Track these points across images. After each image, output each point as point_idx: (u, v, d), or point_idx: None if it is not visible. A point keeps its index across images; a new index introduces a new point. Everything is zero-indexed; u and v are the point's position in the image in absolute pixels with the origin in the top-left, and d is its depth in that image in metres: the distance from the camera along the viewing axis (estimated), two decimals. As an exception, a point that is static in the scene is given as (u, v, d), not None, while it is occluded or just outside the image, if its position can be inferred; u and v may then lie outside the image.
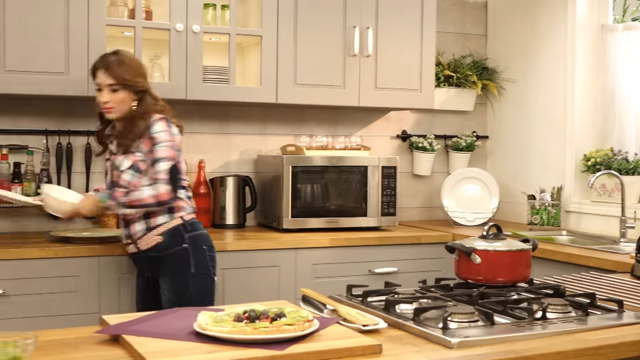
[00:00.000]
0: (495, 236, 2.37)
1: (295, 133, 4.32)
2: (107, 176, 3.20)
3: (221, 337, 1.67)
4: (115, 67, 3.06)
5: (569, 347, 1.77)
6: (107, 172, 3.21)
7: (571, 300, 2.12)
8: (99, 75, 3.08)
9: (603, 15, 4.30)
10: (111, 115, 3.09)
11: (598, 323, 1.97)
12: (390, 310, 2.04)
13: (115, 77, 3.05)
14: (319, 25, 3.95)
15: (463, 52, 4.82)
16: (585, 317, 2.03)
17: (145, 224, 3.06)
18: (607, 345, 1.81)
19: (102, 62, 3.10)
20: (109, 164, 3.18)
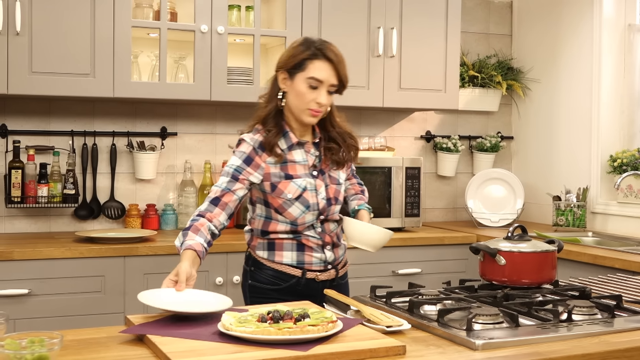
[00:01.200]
0: (520, 237, 2.36)
1: (319, 134, 4.31)
2: (313, 194, 2.48)
3: (245, 338, 1.68)
4: (343, 65, 2.47)
5: (594, 350, 1.75)
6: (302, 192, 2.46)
7: (597, 302, 2.10)
8: (324, 69, 2.41)
9: (630, 15, 4.26)
10: (313, 120, 2.46)
11: (624, 325, 1.96)
12: (414, 311, 2.04)
13: (341, 79, 2.46)
14: (343, 26, 3.95)
15: (488, 52, 4.80)
16: (611, 319, 2.01)
17: (345, 247, 2.67)
18: (633, 348, 1.80)
19: (331, 52, 2.44)
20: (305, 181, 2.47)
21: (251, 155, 2.43)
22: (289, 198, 2.43)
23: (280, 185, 2.44)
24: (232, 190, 2.41)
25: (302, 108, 2.43)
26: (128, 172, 3.94)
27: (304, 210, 2.46)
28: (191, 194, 3.97)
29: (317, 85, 2.41)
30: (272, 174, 2.44)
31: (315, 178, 2.50)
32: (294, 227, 2.48)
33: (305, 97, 2.41)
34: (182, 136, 4.05)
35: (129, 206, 3.88)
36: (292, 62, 2.43)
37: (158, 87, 3.64)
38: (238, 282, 3.48)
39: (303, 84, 2.41)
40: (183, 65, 3.89)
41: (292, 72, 2.43)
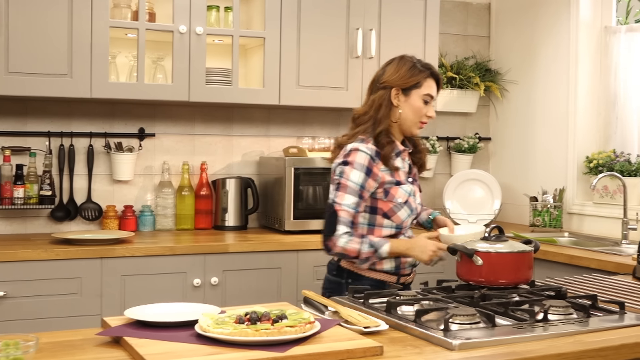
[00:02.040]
0: (497, 238, 2.37)
1: (297, 135, 4.32)
2: (413, 199, 2.67)
3: (222, 339, 1.68)
4: None
5: (570, 349, 1.77)
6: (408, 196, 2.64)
7: (573, 302, 2.11)
8: (434, 87, 2.67)
9: (606, 17, 4.30)
10: (418, 132, 2.71)
11: (599, 325, 1.97)
12: (392, 312, 2.04)
13: (438, 94, 2.73)
14: (321, 27, 3.96)
15: (466, 53, 4.82)
16: (586, 319, 2.03)
17: None
18: (608, 347, 1.81)
19: (436, 70, 2.70)
20: (409, 187, 2.67)
21: (369, 165, 2.57)
22: (399, 202, 2.60)
23: (392, 190, 2.60)
24: (359, 210, 2.59)
25: (415, 121, 2.66)
26: (105, 173, 3.92)
27: (409, 214, 2.65)
28: (169, 195, 3.96)
29: (429, 100, 2.66)
30: (386, 181, 2.60)
31: (411, 184, 2.70)
32: (398, 230, 2.63)
33: (420, 111, 2.64)
34: (160, 137, 4.04)
35: (106, 207, 3.86)
36: (412, 81, 2.63)
37: (136, 88, 3.62)
38: (216, 283, 3.47)
39: (419, 100, 2.64)
40: (161, 66, 3.88)
41: (408, 89, 2.64)
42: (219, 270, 3.50)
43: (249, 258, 3.56)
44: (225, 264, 3.50)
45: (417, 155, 2.78)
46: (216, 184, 4.05)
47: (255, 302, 2.46)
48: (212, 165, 4.13)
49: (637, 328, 1.97)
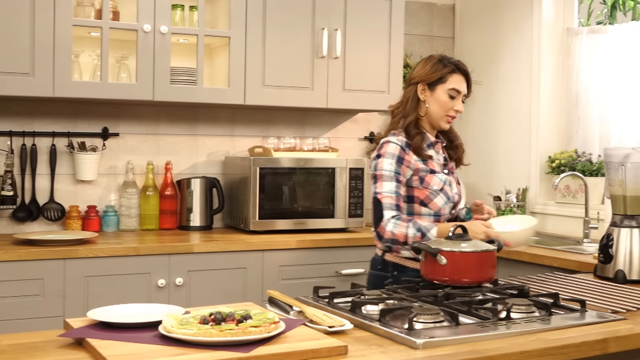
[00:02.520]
0: (460, 237, 2.39)
1: (263, 135, 4.31)
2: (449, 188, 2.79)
3: (186, 340, 1.67)
4: (470, 78, 2.84)
5: (532, 347, 1.79)
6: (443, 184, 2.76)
7: (535, 301, 2.14)
8: (462, 82, 2.78)
9: (568, 19, 4.36)
10: (447, 127, 2.82)
11: (561, 323, 2.00)
12: (357, 311, 2.05)
13: (469, 90, 2.83)
14: (287, 27, 3.96)
15: (431, 54, 4.84)
16: (548, 317, 2.06)
17: None
18: (569, 345, 1.84)
19: (464, 66, 2.82)
20: (444, 176, 2.78)
21: (401, 154, 2.71)
22: (434, 189, 2.72)
23: (426, 178, 2.73)
24: (401, 194, 2.69)
25: (442, 115, 2.78)
26: (68, 173, 3.88)
27: (445, 201, 2.76)
28: (133, 195, 3.93)
29: (456, 95, 2.76)
30: (420, 168, 2.72)
31: (447, 175, 2.82)
32: (436, 218, 2.74)
33: (446, 106, 2.76)
34: (124, 137, 4.01)
35: (69, 208, 3.82)
36: (435, 76, 2.76)
37: (100, 87, 3.59)
38: (181, 283, 3.46)
39: (444, 95, 2.76)
40: (125, 65, 3.85)
41: (433, 84, 2.76)
42: (184, 270, 3.48)
43: (214, 258, 3.54)
44: (190, 265, 3.49)
45: (453, 150, 2.90)
46: (181, 184, 4.03)
47: (220, 302, 2.45)
48: (177, 165, 4.11)
49: (597, 325, 2.00)
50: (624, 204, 2.67)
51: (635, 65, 3.95)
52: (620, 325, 2.00)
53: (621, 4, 4.89)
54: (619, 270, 2.62)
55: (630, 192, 2.65)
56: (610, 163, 2.71)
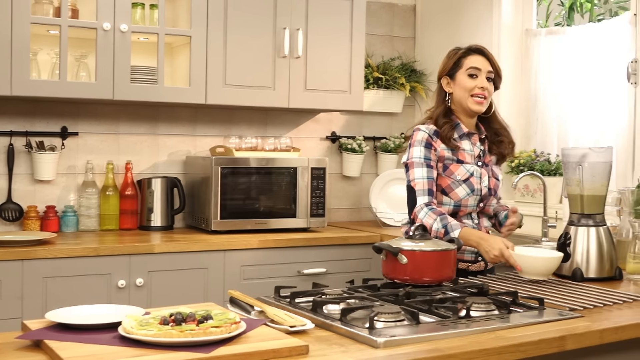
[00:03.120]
0: (421, 236, 2.41)
1: (224, 134, 4.30)
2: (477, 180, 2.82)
3: (146, 341, 1.66)
4: (493, 57, 2.87)
5: (491, 345, 1.81)
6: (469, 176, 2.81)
7: (494, 299, 2.16)
8: (479, 60, 2.83)
9: (527, 20, 4.41)
10: (479, 108, 2.81)
11: (520, 321, 2.02)
12: (318, 311, 2.05)
13: (494, 65, 2.84)
14: (248, 26, 3.95)
15: (392, 54, 4.88)
16: (507, 315, 2.08)
17: None
18: (528, 342, 1.86)
19: (481, 46, 2.89)
20: (474, 167, 2.82)
21: (428, 140, 2.79)
22: (457, 179, 2.78)
23: (451, 166, 2.79)
24: (433, 177, 2.76)
25: (466, 96, 2.81)
26: (26, 172, 3.82)
27: (468, 193, 2.80)
28: (93, 195, 3.89)
29: (476, 73, 2.81)
30: (445, 157, 2.79)
31: (480, 167, 2.84)
32: (457, 208, 2.80)
33: (467, 86, 2.80)
34: (84, 136, 3.97)
35: (28, 208, 3.76)
36: (451, 64, 2.87)
37: (58, 86, 3.54)
38: (141, 284, 3.43)
39: (464, 77, 2.82)
40: (85, 64, 3.81)
41: (452, 73, 2.86)
42: (144, 271, 3.45)
43: (175, 258, 3.52)
44: (151, 265, 3.46)
45: (496, 144, 2.91)
46: (141, 184, 4.00)
47: (181, 303, 2.44)
48: (138, 165, 4.08)
49: (555, 323, 2.02)
50: (581, 203, 2.71)
51: (591, 67, 4.01)
52: (578, 323, 2.03)
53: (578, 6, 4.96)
54: (577, 269, 2.65)
55: (587, 191, 2.69)
56: (567, 163, 2.74)
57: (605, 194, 2.73)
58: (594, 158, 2.69)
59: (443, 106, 2.88)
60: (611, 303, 2.28)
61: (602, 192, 2.71)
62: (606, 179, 2.71)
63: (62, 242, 3.48)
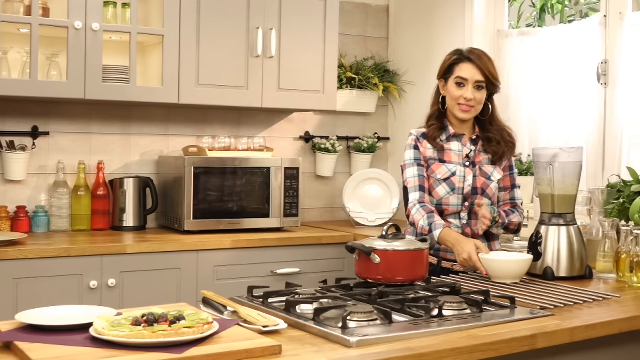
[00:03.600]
0: (394, 236, 2.42)
1: (197, 134, 4.28)
2: (459, 179, 2.88)
3: (118, 342, 1.65)
4: (486, 61, 2.88)
5: (463, 344, 1.82)
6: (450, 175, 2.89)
7: (466, 298, 2.17)
8: (468, 69, 2.86)
9: (499, 21, 4.45)
10: (464, 116, 2.89)
11: (491, 319, 2.03)
12: (291, 310, 2.05)
13: (485, 74, 2.85)
14: (221, 25, 3.94)
15: (365, 54, 4.89)
16: (479, 313, 2.09)
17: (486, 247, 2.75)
18: (499, 341, 1.87)
19: (473, 54, 2.88)
20: (457, 167, 2.90)
21: (415, 142, 2.94)
22: (437, 178, 2.88)
23: (433, 165, 2.90)
24: (424, 175, 2.89)
25: (454, 104, 2.89)
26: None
27: (448, 192, 2.88)
28: (64, 195, 3.86)
29: (463, 82, 2.86)
30: (429, 156, 2.91)
31: (465, 167, 2.91)
32: (439, 207, 2.88)
33: (454, 94, 2.88)
34: (55, 135, 3.93)
35: (-2, 208, 3.73)
36: (443, 68, 2.95)
37: (29, 85, 3.51)
38: (113, 284, 3.41)
39: (452, 84, 2.89)
40: (56, 62, 3.78)
41: (445, 77, 2.94)
42: (116, 271, 3.43)
43: (147, 259, 3.50)
44: (123, 265, 3.44)
45: (492, 145, 2.95)
46: (113, 184, 3.97)
47: (154, 303, 2.42)
48: (109, 165, 4.05)
49: (526, 321, 2.04)
50: (552, 202, 2.74)
51: (562, 67, 4.05)
52: (548, 321, 2.05)
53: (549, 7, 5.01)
54: (547, 267, 2.68)
55: (558, 190, 2.72)
56: (538, 162, 2.77)
57: (575, 193, 2.75)
58: (564, 158, 2.72)
59: (436, 107, 2.99)
60: (581, 301, 2.30)
61: (573, 192, 2.74)
62: (576, 178, 2.74)
63: (33, 242, 3.45)
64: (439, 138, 2.92)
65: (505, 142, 2.96)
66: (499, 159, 2.97)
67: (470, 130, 2.98)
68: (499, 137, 2.95)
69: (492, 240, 2.99)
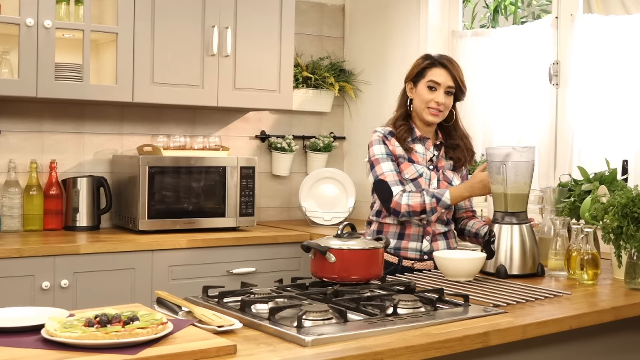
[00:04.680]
0: (349, 235, 2.43)
1: (152, 133, 4.25)
2: (425, 182, 2.95)
3: (70, 343, 1.63)
4: (457, 68, 2.96)
5: (417, 342, 1.83)
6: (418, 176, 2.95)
7: (421, 296, 2.19)
8: (441, 74, 2.93)
9: (453, 21, 4.49)
10: (433, 119, 2.95)
11: (445, 317, 2.05)
12: (246, 310, 2.05)
13: (456, 80, 2.93)
14: (177, 23, 3.91)
15: (321, 54, 4.90)
16: (433, 311, 2.11)
17: (445, 246, 3.00)
18: (453, 339, 1.89)
19: (446, 60, 2.95)
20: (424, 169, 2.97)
21: (383, 139, 2.95)
22: (406, 178, 2.90)
23: (402, 165, 2.94)
24: (399, 171, 2.92)
25: (423, 107, 2.94)
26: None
27: None
28: (16, 195, 3.80)
29: (435, 86, 2.92)
30: (398, 155, 2.94)
31: (430, 170, 2.97)
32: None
33: (425, 98, 2.93)
34: (6, 134, 3.87)
35: (-53, 208, 3.66)
36: (415, 71, 2.98)
37: (-21, 83, 3.45)
38: (67, 285, 3.36)
39: (423, 88, 2.93)
40: (7, 60, 3.72)
41: (415, 80, 2.97)
42: (70, 272, 3.39)
43: (101, 259, 3.46)
44: (76, 266, 3.40)
45: (453, 151, 3.01)
46: (67, 183, 3.92)
47: (108, 304, 2.40)
48: (63, 164, 4.00)
49: (479, 319, 2.06)
50: (505, 201, 2.77)
51: (515, 68, 4.11)
52: (501, 319, 2.07)
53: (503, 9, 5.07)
54: (501, 266, 2.71)
55: (511, 190, 2.75)
56: (492, 162, 2.80)
57: (528, 192, 2.79)
58: (517, 157, 2.75)
59: (403, 110, 3.03)
60: (533, 299, 2.34)
61: (525, 191, 2.78)
62: (529, 177, 2.78)
63: (-16, 243, 3.39)
64: (407, 139, 2.97)
65: (467, 150, 3.04)
66: (460, 166, 3.04)
67: (433, 135, 3.04)
68: (462, 145, 3.03)
69: (450, 239, 3.02)
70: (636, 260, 2.52)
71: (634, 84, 3.58)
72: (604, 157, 3.24)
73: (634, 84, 3.58)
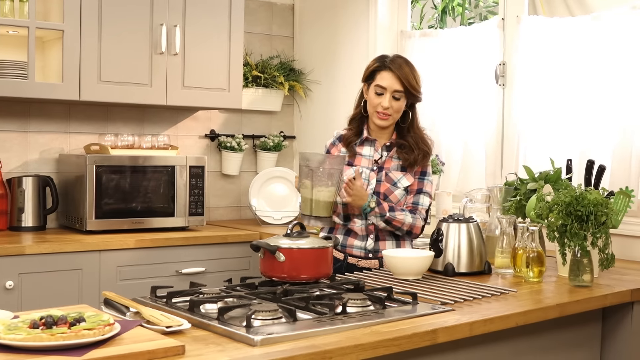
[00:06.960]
0: (299, 234, 2.43)
1: (100, 132, 4.20)
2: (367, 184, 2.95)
3: (15, 345, 1.60)
4: (407, 71, 2.91)
5: (366, 340, 1.85)
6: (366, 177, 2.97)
7: (370, 295, 2.21)
8: (388, 78, 2.90)
9: (402, 22, 4.52)
10: (382, 123, 2.94)
11: (394, 315, 2.07)
12: (195, 310, 2.04)
13: (404, 84, 2.89)
14: (124, 21, 3.87)
15: (271, 53, 4.89)
16: (382, 310, 2.13)
17: (394, 246, 2.99)
18: (401, 337, 1.91)
19: (395, 64, 2.91)
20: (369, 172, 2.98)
21: (329, 148, 3.07)
22: (343, 179, 2.86)
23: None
24: None
25: (372, 111, 2.95)
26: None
27: None
28: (-42, 194, 3.72)
29: (382, 91, 2.90)
30: None
31: (372, 171, 2.97)
32: (344, 206, 2.94)
33: (372, 102, 2.93)
34: (-52, 133, 3.79)
35: None
36: (366, 74, 2.97)
37: None
38: (11, 287, 3.30)
39: (372, 92, 2.93)
40: (-52, 57, 3.63)
41: (368, 83, 2.97)
42: (15, 273, 3.32)
43: (47, 260, 3.41)
44: (22, 267, 3.34)
45: (405, 152, 2.97)
46: (11, 183, 3.85)
47: (54, 305, 2.37)
48: (7, 163, 3.92)
49: (427, 317, 2.09)
50: (311, 205, 2.79)
51: (462, 68, 4.15)
52: (449, 316, 2.10)
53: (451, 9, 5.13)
54: (449, 264, 2.74)
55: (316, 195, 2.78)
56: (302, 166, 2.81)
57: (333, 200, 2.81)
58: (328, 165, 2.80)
59: (359, 110, 3.04)
60: (480, 296, 2.37)
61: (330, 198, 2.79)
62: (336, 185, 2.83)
63: None
64: (354, 142, 3.01)
65: (419, 150, 2.99)
66: (410, 165, 2.99)
67: (388, 136, 3.03)
68: (414, 145, 2.99)
69: (401, 239, 3.03)
70: (580, 257, 2.57)
71: (577, 85, 3.65)
72: (549, 156, 3.30)
73: (577, 84, 3.65)
